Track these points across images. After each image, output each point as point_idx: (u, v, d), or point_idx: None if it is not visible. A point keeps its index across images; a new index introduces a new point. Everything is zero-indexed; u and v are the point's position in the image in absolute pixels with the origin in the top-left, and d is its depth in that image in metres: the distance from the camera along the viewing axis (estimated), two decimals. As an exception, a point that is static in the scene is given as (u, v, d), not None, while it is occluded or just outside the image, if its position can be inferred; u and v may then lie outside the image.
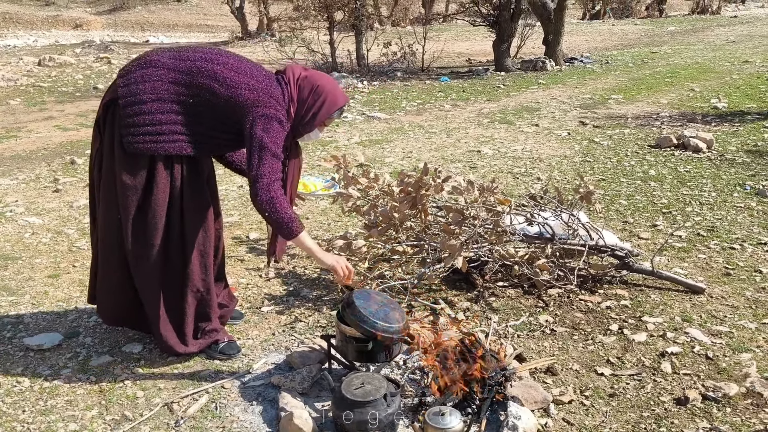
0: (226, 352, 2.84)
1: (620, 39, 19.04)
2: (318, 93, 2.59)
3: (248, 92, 2.45)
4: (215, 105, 2.46)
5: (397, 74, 12.38)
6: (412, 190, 3.35)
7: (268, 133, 2.42)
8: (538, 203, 3.75)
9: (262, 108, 2.44)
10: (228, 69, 2.47)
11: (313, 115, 2.60)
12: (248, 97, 2.44)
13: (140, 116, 2.42)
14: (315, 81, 2.61)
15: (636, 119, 7.90)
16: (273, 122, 2.45)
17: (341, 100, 2.65)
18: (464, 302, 3.35)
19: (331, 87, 2.64)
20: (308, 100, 2.58)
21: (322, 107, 2.60)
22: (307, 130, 2.63)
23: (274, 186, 2.43)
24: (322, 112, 2.60)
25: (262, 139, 2.41)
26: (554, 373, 2.73)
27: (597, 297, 3.37)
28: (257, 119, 2.43)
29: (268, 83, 2.51)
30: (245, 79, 2.47)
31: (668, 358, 2.81)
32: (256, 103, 2.45)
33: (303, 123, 2.60)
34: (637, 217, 4.57)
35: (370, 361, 2.52)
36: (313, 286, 3.55)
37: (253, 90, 2.46)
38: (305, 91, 2.58)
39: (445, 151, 6.59)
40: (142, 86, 2.43)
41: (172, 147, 2.46)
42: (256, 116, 2.43)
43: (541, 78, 11.49)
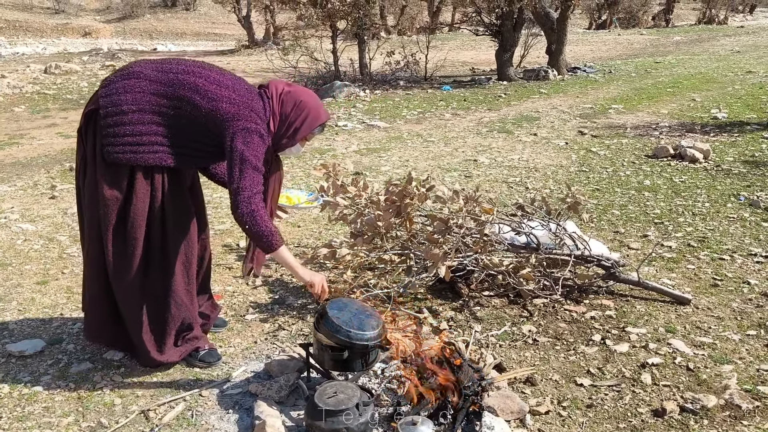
0: (206, 360, 2.84)
1: (625, 48, 19.03)
2: (300, 108, 2.60)
3: (229, 105, 2.46)
4: (196, 117, 2.46)
5: (400, 83, 12.41)
6: (396, 199, 3.35)
7: (248, 147, 2.43)
8: (526, 213, 3.75)
9: (243, 121, 2.45)
10: (209, 82, 2.48)
11: (295, 130, 2.61)
12: (229, 111, 2.45)
13: (120, 126, 2.43)
14: (298, 96, 2.62)
15: (635, 129, 7.88)
16: (253, 136, 2.45)
17: (323, 116, 2.67)
18: (449, 311, 3.35)
19: (313, 103, 2.65)
20: (291, 115, 2.59)
21: (304, 122, 2.61)
22: (288, 145, 2.64)
23: (255, 199, 2.43)
24: (304, 128, 2.62)
25: (242, 153, 2.41)
26: (533, 383, 2.72)
27: (582, 307, 3.36)
28: (238, 133, 2.44)
29: (249, 97, 2.52)
30: (226, 92, 2.48)
31: (649, 370, 2.79)
32: (237, 117, 2.45)
33: (285, 137, 2.61)
34: (629, 227, 4.56)
35: (346, 369, 2.52)
36: (299, 295, 3.56)
37: (234, 104, 2.47)
38: (288, 106, 2.60)
39: (442, 160, 6.60)
40: (124, 97, 2.44)
41: (151, 158, 2.47)
42: (237, 130, 2.44)
43: (543, 87, 11.49)
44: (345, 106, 10.04)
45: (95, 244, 2.61)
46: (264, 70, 14.45)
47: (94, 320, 2.78)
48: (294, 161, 6.58)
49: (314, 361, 2.64)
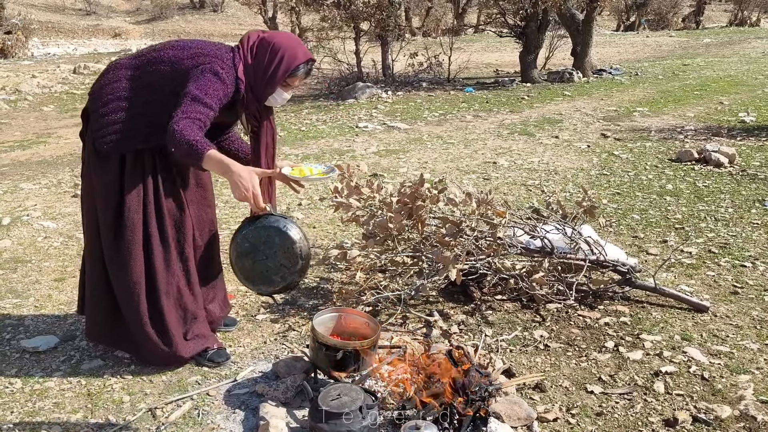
0: (215, 359, 2.85)
1: (653, 51, 18.75)
2: (274, 51, 2.50)
3: (191, 60, 2.46)
4: (169, 89, 2.46)
5: (423, 84, 12.38)
6: (408, 200, 3.33)
7: (196, 82, 2.38)
8: (541, 216, 3.70)
9: (204, 65, 2.42)
10: (175, 49, 2.51)
11: (272, 74, 2.50)
12: (189, 63, 2.45)
13: (105, 117, 2.49)
14: (271, 40, 2.52)
15: (659, 132, 7.75)
16: (206, 74, 2.40)
17: (301, 55, 2.53)
18: (460, 315, 3.31)
19: (289, 43, 2.54)
20: (265, 60, 2.50)
21: (280, 65, 2.49)
22: (269, 91, 2.54)
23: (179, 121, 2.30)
24: (281, 70, 2.50)
25: (189, 89, 2.37)
26: (543, 389, 2.68)
27: (596, 313, 3.31)
28: (195, 74, 2.41)
29: (214, 48, 2.51)
30: (191, 51, 2.49)
31: (662, 378, 2.74)
32: (196, 65, 2.44)
33: (263, 84, 2.52)
34: (649, 232, 4.48)
35: (340, 370, 2.52)
36: (311, 296, 3.56)
37: (195, 56, 2.46)
38: (261, 53, 2.51)
39: (461, 162, 6.56)
40: (105, 90, 2.52)
41: (138, 142, 2.50)
42: (196, 73, 2.41)
43: (567, 89, 11.37)
44: (366, 108, 10.05)
45: (94, 241, 2.66)
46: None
47: (95, 319, 2.80)
48: (313, 162, 6.58)
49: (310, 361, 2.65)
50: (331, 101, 10.93)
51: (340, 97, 11.11)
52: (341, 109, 10.01)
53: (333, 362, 2.51)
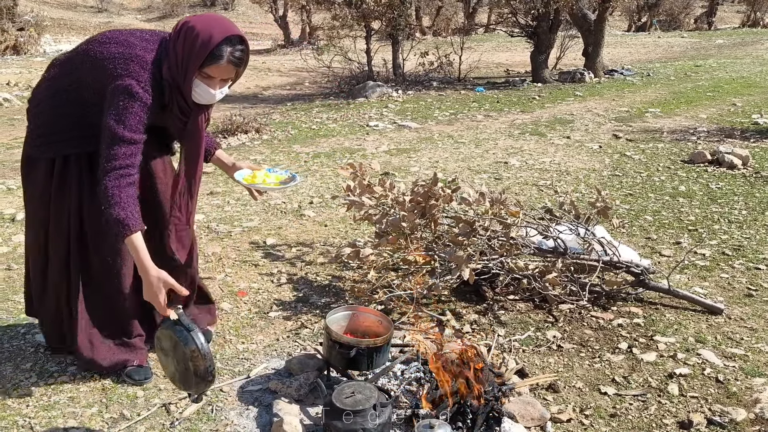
0: (133, 377, 2.69)
1: (665, 51, 18.66)
2: (190, 35, 2.12)
3: (110, 62, 2.16)
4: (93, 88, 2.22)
5: (433, 84, 12.37)
6: (421, 199, 3.33)
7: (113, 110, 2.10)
8: (554, 217, 3.69)
9: (116, 79, 2.12)
10: (101, 44, 2.24)
11: (185, 64, 2.14)
12: (108, 66, 2.16)
13: (35, 120, 2.37)
14: (189, 23, 2.16)
15: (672, 133, 7.71)
16: (119, 96, 2.10)
17: (217, 34, 2.11)
18: (472, 314, 3.31)
19: (203, 25, 2.13)
20: (179, 49, 2.14)
21: (192, 52, 2.11)
22: (187, 84, 2.19)
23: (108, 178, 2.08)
24: (193, 59, 2.12)
25: (107, 122, 2.10)
26: (556, 390, 2.68)
27: (609, 314, 3.30)
28: (108, 96, 2.13)
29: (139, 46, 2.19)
30: (114, 48, 2.19)
31: (676, 380, 2.72)
32: (113, 74, 2.14)
33: (181, 78, 2.18)
34: (662, 233, 4.45)
35: (353, 368, 2.53)
36: (323, 294, 3.56)
37: (116, 59, 2.15)
38: (178, 41, 2.16)
39: (472, 161, 6.55)
40: (37, 91, 2.38)
41: (66, 147, 2.33)
42: (109, 92, 2.13)
43: (579, 90, 11.33)
44: (377, 107, 10.05)
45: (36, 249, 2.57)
46: (299, 70, 14.57)
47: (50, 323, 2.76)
48: (324, 160, 6.61)
49: (324, 358, 2.66)
50: (342, 100, 10.93)
51: (350, 96, 11.11)
52: (351, 108, 10.02)
53: (346, 360, 2.52)
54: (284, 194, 5.43)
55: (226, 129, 7.81)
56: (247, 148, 7.27)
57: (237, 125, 7.84)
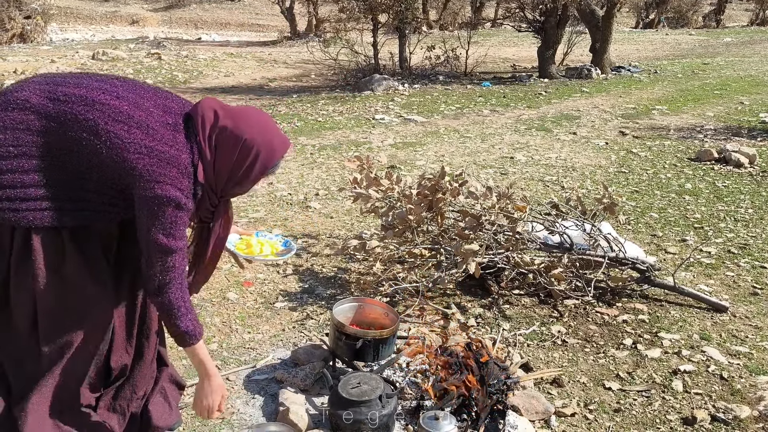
0: None
1: (672, 49, 18.58)
2: (247, 150, 1.93)
3: (138, 157, 1.80)
4: (96, 165, 1.83)
5: (439, 78, 12.35)
6: (428, 193, 3.34)
7: (157, 222, 1.82)
8: (560, 212, 3.70)
9: (155, 186, 1.81)
10: (114, 119, 1.81)
11: (244, 177, 1.97)
12: (138, 165, 1.81)
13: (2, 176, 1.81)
14: (240, 133, 1.91)
15: (678, 131, 7.70)
16: (166, 208, 1.82)
17: (279, 149, 1.99)
18: (477, 308, 3.32)
19: (261, 138, 1.95)
20: (235, 161, 1.93)
21: (254, 166, 1.95)
22: (238, 192, 2.04)
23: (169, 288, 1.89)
24: (255, 173, 1.97)
25: (156, 239, 1.83)
26: (560, 384, 2.69)
27: (614, 310, 3.30)
28: (147, 203, 1.82)
29: (168, 141, 1.85)
30: (137, 135, 1.82)
31: (680, 376, 2.73)
32: (149, 177, 1.81)
33: (231, 186, 1.99)
34: (667, 231, 4.45)
35: (359, 359, 2.54)
36: (328, 285, 3.58)
37: (146, 154, 1.81)
38: (227, 151, 1.92)
39: (478, 156, 6.55)
40: (3, 136, 1.81)
41: (36, 216, 1.82)
42: (148, 199, 1.82)
43: (585, 86, 11.30)
44: (383, 100, 10.04)
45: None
46: (305, 62, 14.54)
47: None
48: (330, 153, 6.61)
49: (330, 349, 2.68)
50: (348, 93, 10.92)
51: (356, 89, 11.10)
52: (357, 101, 10.01)
53: (352, 351, 2.53)
54: (290, 186, 5.44)
55: (233, 120, 7.80)
56: (253, 140, 7.27)
57: (243, 116, 7.83)
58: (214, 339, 3.02)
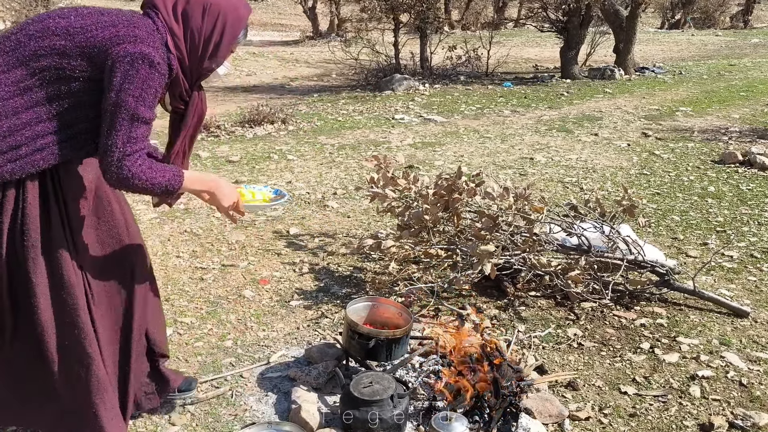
0: None
1: (698, 50, 18.32)
2: (213, 14, 1.90)
3: (102, 30, 1.77)
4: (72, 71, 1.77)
5: (460, 78, 12.31)
6: (445, 193, 3.33)
7: (128, 83, 1.74)
8: (578, 214, 3.66)
9: (124, 45, 1.75)
10: (66, 17, 1.79)
11: (216, 45, 1.92)
12: (104, 36, 1.76)
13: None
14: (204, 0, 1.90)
15: (702, 133, 7.58)
16: (138, 65, 1.75)
17: (244, 11, 1.96)
18: (493, 309, 3.30)
19: (227, 3, 1.92)
20: (203, 27, 1.89)
21: (224, 32, 1.92)
22: (213, 66, 1.98)
23: (128, 161, 1.78)
24: (226, 39, 1.93)
25: (119, 96, 1.74)
26: (575, 388, 2.66)
27: (632, 313, 3.26)
28: (117, 62, 1.74)
29: (128, 15, 1.84)
30: (93, 18, 1.80)
31: (698, 382, 2.69)
32: (116, 40, 1.75)
33: (206, 58, 1.93)
34: (689, 234, 4.39)
35: (371, 358, 2.54)
36: (344, 284, 3.58)
37: (109, 25, 1.78)
38: (195, 18, 1.88)
39: (497, 156, 6.51)
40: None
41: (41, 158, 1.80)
42: (117, 58, 1.74)
43: (608, 87, 11.18)
44: (403, 100, 10.03)
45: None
46: (326, 61, 14.58)
47: None
48: (349, 152, 6.62)
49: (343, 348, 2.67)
50: (368, 92, 10.93)
51: (377, 89, 11.11)
52: (378, 101, 10.02)
53: (365, 350, 2.53)
54: (309, 185, 5.46)
55: (253, 119, 7.86)
56: (272, 138, 7.31)
57: (263, 115, 7.89)
58: (229, 336, 3.04)
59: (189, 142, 2.11)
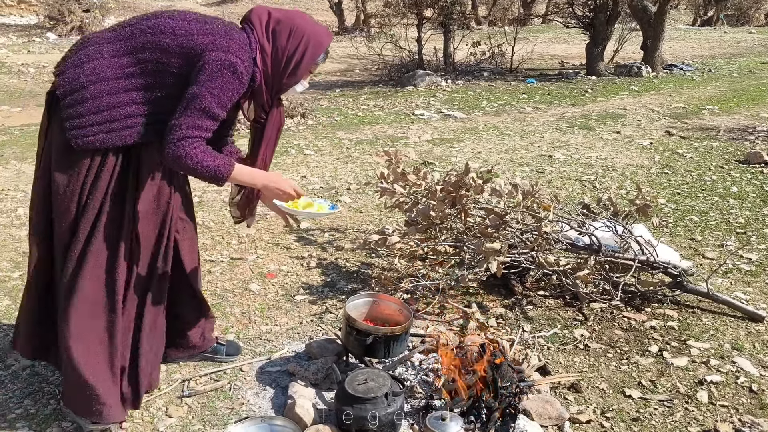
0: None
1: (730, 47, 17.89)
2: (298, 36, 2.15)
3: (202, 37, 2.02)
4: (169, 65, 2.02)
5: (484, 74, 12.19)
6: (452, 189, 3.28)
7: (210, 81, 1.98)
8: (590, 212, 3.59)
9: (217, 52, 2.00)
10: (175, 19, 2.05)
11: (297, 64, 2.16)
12: (203, 42, 2.01)
13: (83, 104, 2.00)
14: (291, 22, 2.15)
15: (728, 132, 7.40)
16: (223, 70, 1.99)
17: (326, 39, 2.21)
18: (499, 308, 3.25)
19: (311, 27, 2.18)
20: (288, 46, 2.14)
21: (305, 53, 2.16)
22: (293, 82, 2.21)
23: (186, 143, 2.00)
24: (306, 59, 2.17)
25: (199, 89, 1.98)
26: (578, 390, 2.60)
27: (642, 315, 3.18)
28: (206, 64, 1.99)
29: (228, 28, 2.09)
30: (197, 25, 2.05)
31: (706, 387, 2.61)
32: (212, 47, 2.00)
33: (286, 75, 2.18)
34: (707, 235, 4.28)
35: (370, 355, 2.51)
36: (351, 280, 3.56)
37: (209, 33, 2.03)
38: (282, 37, 2.13)
39: (516, 153, 6.43)
40: (81, 69, 2.01)
41: (128, 134, 2.04)
42: (207, 61, 1.99)
43: (634, 84, 10.98)
44: (425, 96, 9.97)
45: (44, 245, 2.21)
46: (350, 57, 14.55)
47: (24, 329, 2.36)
48: (366, 147, 6.59)
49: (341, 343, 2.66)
50: (390, 88, 10.89)
51: (399, 84, 11.06)
52: (399, 96, 9.97)
53: (363, 347, 2.50)
54: (323, 179, 5.45)
55: (273, 113, 7.86)
56: (291, 133, 7.31)
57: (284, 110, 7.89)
58: (232, 329, 3.04)
59: (270, 151, 2.38)
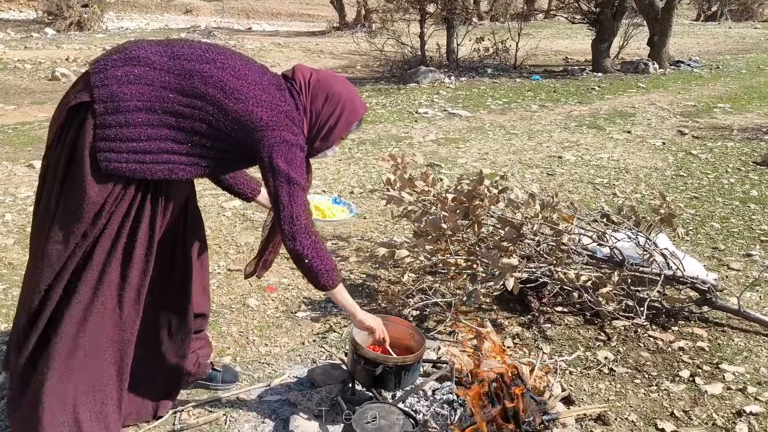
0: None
1: (736, 43, 17.65)
2: (334, 103, 2.14)
3: (261, 110, 1.98)
4: (219, 120, 1.97)
5: (488, 71, 11.95)
6: (465, 199, 3.06)
7: (292, 165, 1.99)
8: (611, 222, 3.37)
9: (280, 131, 1.99)
10: (234, 76, 1.98)
11: (330, 130, 2.15)
12: (262, 117, 1.98)
13: (124, 128, 1.90)
14: (329, 87, 2.14)
15: (743, 131, 7.17)
16: (295, 150, 2.02)
17: (360, 109, 2.20)
18: (515, 327, 3.04)
19: (347, 94, 2.17)
20: (323, 111, 2.14)
21: (339, 120, 2.15)
22: (324, 147, 2.19)
23: (311, 227, 2.04)
24: (339, 126, 2.16)
25: (288, 173, 1.98)
26: (606, 422, 2.39)
27: (670, 335, 2.97)
28: (276, 146, 1.98)
29: (280, 98, 2.04)
30: (255, 91, 1.99)
31: (746, 419, 2.40)
32: (272, 126, 1.99)
33: (318, 139, 2.16)
34: (730, 243, 4.06)
35: (378, 386, 2.29)
36: (356, 294, 3.33)
37: (267, 107, 1.99)
38: (319, 101, 2.13)
39: (524, 154, 6.20)
40: (127, 89, 1.91)
41: (160, 169, 1.96)
42: (275, 143, 1.98)
43: (642, 81, 10.75)
44: (428, 93, 9.73)
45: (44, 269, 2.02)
46: (351, 53, 14.31)
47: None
48: (369, 148, 6.37)
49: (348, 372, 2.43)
50: (393, 85, 10.65)
51: (401, 81, 10.82)
52: (402, 94, 9.74)
53: (371, 377, 2.28)
54: (325, 182, 5.23)
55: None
56: (291, 133, 7.08)
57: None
58: (228, 351, 2.82)
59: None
